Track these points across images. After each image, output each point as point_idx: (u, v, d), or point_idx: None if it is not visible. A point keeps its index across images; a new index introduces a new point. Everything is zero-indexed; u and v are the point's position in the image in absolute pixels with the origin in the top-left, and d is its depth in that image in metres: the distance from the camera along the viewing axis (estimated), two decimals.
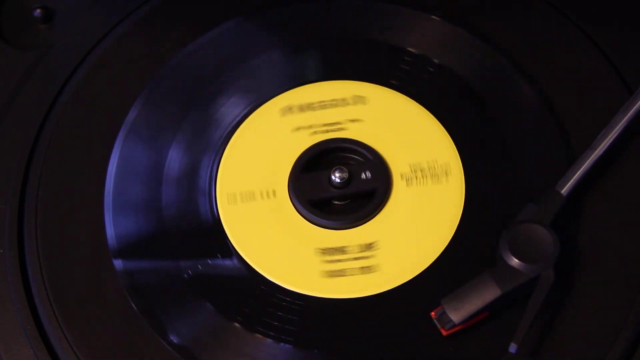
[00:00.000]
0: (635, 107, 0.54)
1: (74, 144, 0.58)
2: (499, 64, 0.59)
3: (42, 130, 0.58)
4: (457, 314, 0.49)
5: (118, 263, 0.54)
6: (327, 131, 0.58)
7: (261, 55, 0.61)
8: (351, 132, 0.58)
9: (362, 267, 0.53)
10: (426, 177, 0.56)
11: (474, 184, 0.56)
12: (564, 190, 0.52)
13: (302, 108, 0.59)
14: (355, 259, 0.54)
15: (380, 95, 0.59)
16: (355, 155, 0.57)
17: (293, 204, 0.56)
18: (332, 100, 0.59)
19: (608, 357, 0.49)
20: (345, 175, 0.56)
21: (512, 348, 0.47)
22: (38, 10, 0.64)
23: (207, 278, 0.54)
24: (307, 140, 0.58)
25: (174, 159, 0.58)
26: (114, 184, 0.56)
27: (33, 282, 0.53)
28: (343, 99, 0.59)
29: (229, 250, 0.55)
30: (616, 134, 0.53)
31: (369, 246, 0.54)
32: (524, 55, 0.59)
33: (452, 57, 0.60)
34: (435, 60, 0.60)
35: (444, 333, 0.50)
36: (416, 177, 0.56)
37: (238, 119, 0.59)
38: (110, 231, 0.55)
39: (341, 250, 0.54)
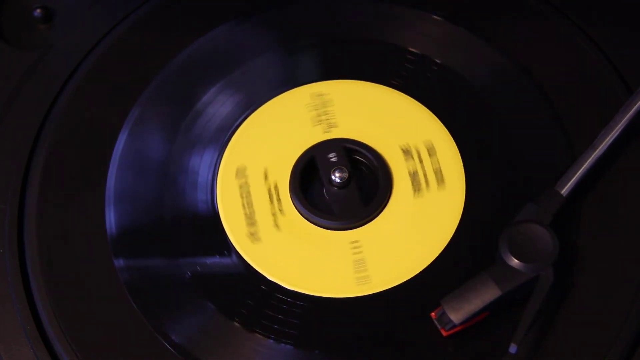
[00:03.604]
0: (635, 107, 0.54)
1: (74, 144, 0.58)
2: (500, 63, 0.59)
3: (42, 130, 0.58)
4: (457, 315, 0.49)
5: (118, 262, 0.54)
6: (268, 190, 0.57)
7: (262, 54, 0.61)
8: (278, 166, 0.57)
9: (435, 173, 0.56)
10: (320, 109, 0.59)
11: (474, 183, 0.56)
12: (564, 190, 0.52)
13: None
14: (425, 173, 0.56)
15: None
16: (309, 164, 0.57)
17: (347, 227, 0.55)
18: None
19: (608, 357, 0.49)
20: (345, 174, 0.55)
21: (512, 348, 0.47)
22: (38, 10, 0.64)
23: (208, 277, 0.54)
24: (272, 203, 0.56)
25: (175, 159, 0.58)
26: (114, 184, 0.56)
27: (33, 282, 0.53)
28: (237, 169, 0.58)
29: (229, 249, 0.55)
30: (616, 134, 0.53)
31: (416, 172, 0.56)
32: (524, 55, 0.59)
33: (453, 57, 0.60)
34: (437, 60, 0.60)
35: (444, 333, 0.50)
36: (321, 113, 0.58)
37: (240, 118, 0.59)
38: (110, 230, 0.55)
39: (418, 183, 0.56)
